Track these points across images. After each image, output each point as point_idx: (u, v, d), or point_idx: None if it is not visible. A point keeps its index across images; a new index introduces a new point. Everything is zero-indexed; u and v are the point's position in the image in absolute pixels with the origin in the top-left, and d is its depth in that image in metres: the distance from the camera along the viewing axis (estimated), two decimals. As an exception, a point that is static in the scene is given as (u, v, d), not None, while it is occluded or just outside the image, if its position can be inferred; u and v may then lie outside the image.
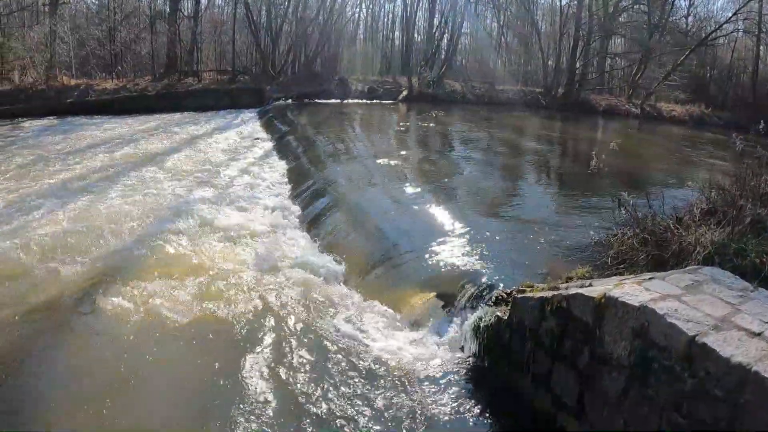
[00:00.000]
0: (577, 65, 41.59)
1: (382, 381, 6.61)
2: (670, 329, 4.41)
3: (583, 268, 7.15)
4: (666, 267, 6.52)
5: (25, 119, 33.39)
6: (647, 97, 40.94)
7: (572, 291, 5.53)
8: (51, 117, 33.92)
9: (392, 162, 16.46)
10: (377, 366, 6.88)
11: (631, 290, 4.98)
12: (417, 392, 6.40)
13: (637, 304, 4.71)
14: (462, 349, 6.99)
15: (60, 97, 38.62)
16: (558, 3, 44.98)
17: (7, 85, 41.18)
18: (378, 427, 5.90)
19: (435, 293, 8.01)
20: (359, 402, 6.25)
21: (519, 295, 6.36)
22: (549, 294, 5.83)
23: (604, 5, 41.89)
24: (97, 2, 60.59)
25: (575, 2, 42.19)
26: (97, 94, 39.62)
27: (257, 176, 17.27)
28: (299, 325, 7.87)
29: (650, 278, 5.32)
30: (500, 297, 6.91)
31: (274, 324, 7.93)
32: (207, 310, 8.21)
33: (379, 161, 16.53)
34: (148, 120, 31.99)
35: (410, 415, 6.07)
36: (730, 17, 42.13)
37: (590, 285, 5.70)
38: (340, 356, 7.10)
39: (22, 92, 39.13)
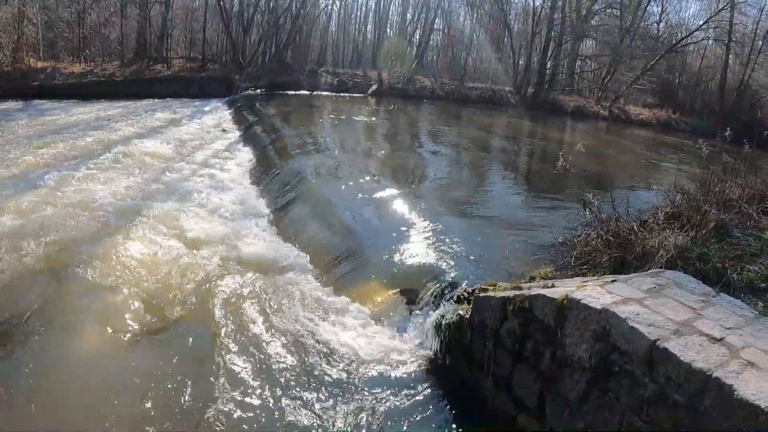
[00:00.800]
0: (548, 66, 41.88)
1: (340, 375, 6.57)
2: (632, 333, 4.37)
3: (546, 268, 7.15)
4: (629, 269, 6.52)
5: (-12, 101, 32.75)
6: (616, 100, 41.34)
7: (534, 291, 5.48)
8: (16, 99, 33.29)
9: (359, 156, 16.46)
10: (337, 360, 6.85)
11: (593, 293, 4.95)
12: (376, 388, 6.36)
13: (599, 307, 4.67)
14: (423, 346, 6.94)
15: (26, 79, 38.07)
16: (531, 3, 45.31)
17: (-28, 67, 40.47)
18: (333, 422, 5.84)
19: (399, 289, 7.99)
20: (315, 397, 6.18)
21: (481, 294, 6.30)
22: (511, 294, 5.78)
23: (577, 8, 42.22)
24: (65, -17, 59.83)
25: (548, 4, 42.47)
26: (64, 78, 39.13)
27: (223, 166, 17.14)
28: (261, 317, 7.79)
29: (612, 281, 5.30)
30: (462, 295, 6.86)
31: (233, 316, 7.84)
32: (167, 303, 8.09)
33: (346, 155, 16.50)
34: (116, 106, 31.69)
35: (368, 411, 6.03)
36: (701, 25, 42.81)
37: (553, 286, 5.67)
38: (301, 350, 7.03)
39: None
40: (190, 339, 7.32)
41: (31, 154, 17.27)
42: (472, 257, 8.60)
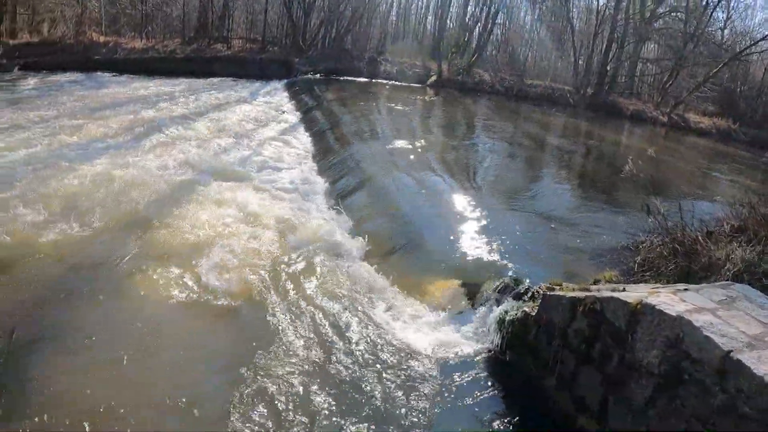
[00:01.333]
0: (609, 67, 41.29)
1: (397, 366, 6.59)
2: (706, 342, 4.37)
3: (610, 272, 7.10)
4: (693, 279, 6.49)
5: (51, 72, 33.50)
6: (676, 106, 40.62)
7: (606, 294, 5.48)
8: (77, 72, 33.93)
9: (418, 145, 16.44)
10: (395, 350, 6.87)
11: (666, 299, 4.94)
12: (436, 380, 6.39)
13: (674, 314, 4.67)
14: (484, 341, 6.94)
15: (88, 52, 38.69)
16: (595, 3, 44.61)
17: (35, 38, 41.35)
18: (392, 413, 5.89)
19: (459, 282, 7.97)
20: (374, 387, 6.23)
21: (549, 293, 6.30)
22: (581, 294, 5.79)
23: (641, 9, 41.53)
24: (130, -39, 60.67)
25: (612, 3, 41.74)
26: (126, 53, 39.71)
27: (282, 149, 17.27)
28: (320, 302, 7.84)
29: (684, 289, 5.29)
30: (528, 292, 6.88)
31: (290, 297, 7.96)
32: (231, 278, 8.21)
33: (405, 144, 16.50)
34: (175, 83, 32.07)
35: (427, 403, 6.06)
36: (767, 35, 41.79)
37: (624, 290, 5.65)
38: (359, 338, 7.09)
39: (51, 45, 39.27)
40: (249, 315, 7.46)
41: (95, 123, 17.72)
42: (531, 254, 8.60)
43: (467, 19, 48.68)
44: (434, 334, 7.14)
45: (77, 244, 9.08)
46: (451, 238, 9.35)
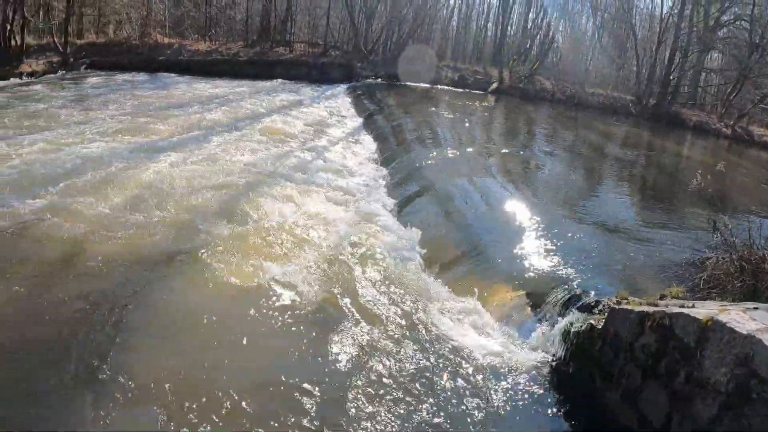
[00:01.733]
0: (672, 77, 40.63)
1: (463, 374, 6.63)
2: (777, 362, 4.33)
3: (677, 288, 7.02)
4: (760, 298, 6.43)
5: (116, 72, 34.42)
6: (740, 118, 39.80)
7: (675, 310, 5.47)
8: (142, 72, 34.84)
9: (479, 152, 16.52)
10: (459, 358, 6.91)
11: (737, 317, 4.91)
12: (497, 389, 6.42)
13: (744, 333, 4.64)
14: (548, 353, 6.96)
15: (153, 53, 39.71)
16: (659, 10, 43.93)
17: (102, 38, 42.46)
18: (456, 420, 5.94)
19: (523, 293, 7.98)
20: (437, 394, 6.29)
21: (617, 306, 6.32)
22: (650, 309, 5.78)
23: (705, 18, 40.80)
24: (195, -35, 61.80)
25: (676, 11, 41.07)
26: (190, 55, 40.58)
27: (345, 153, 17.51)
28: (383, 309, 7.93)
29: (754, 308, 5.25)
30: (597, 305, 6.88)
31: (353, 299, 8.06)
32: (296, 277, 8.42)
33: (466, 150, 16.60)
34: (239, 84, 32.70)
35: (488, 411, 6.11)
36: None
37: (693, 306, 5.62)
38: (423, 345, 7.15)
39: (116, 46, 40.36)
40: (314, 313, 7.64)
41: (160, 122, 18.40)
42: (594, 266, 8.54)
43: (529, 26, 48.45)
44: (497, 343, 7.17)
45: (147, 237, 9.52)
46: (514, 246, 9.38)
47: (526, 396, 6.38)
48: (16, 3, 34.30)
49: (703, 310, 5.34)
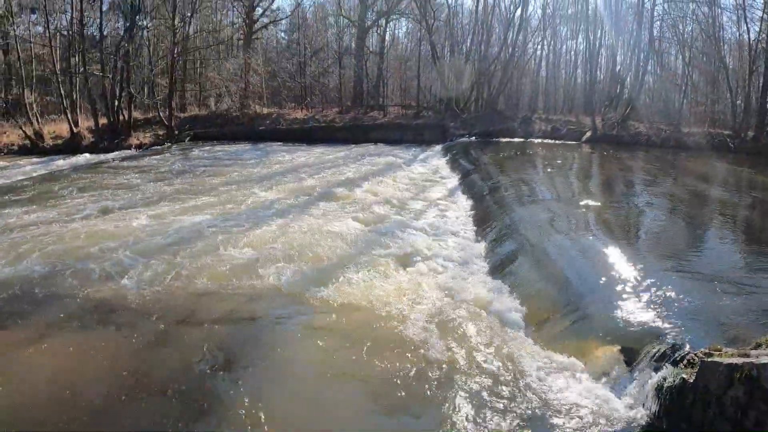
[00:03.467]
0: (768, 105, 39.36)
1: (556, 429, 6.80)
2: None
3: None
4: None
5: (220, 143, 36.34)
6: None
7: (763, 360, 5.49)
8: (244, 142, 36.52)
9: (574, 207, 16.47)
10: (552, 414, 7.07)
11: (824, 364, 4.97)
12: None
13: (829, 381, 4.68)
14: (643, 408, 6.95)
15: (252, 124, 41.62)
16: (746, 37, 42.85)
17: (204, 111, 44.76)
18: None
19: (618, 348, 8.01)
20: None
21: (707, 359, 6.32)
22: (739, 361, 5.78)
23: (795, 38, 39.49)
24: (287, 38, 64.23)
25: (764, 35, 39.92)
26: (288, 123, 42.22)
27: (444, 213, 17.98)
28: (478, 368, 8.15)
29: None
30: (686, 358, 6.91)
31: (452, 360, 8.33)
32: (394, 336, 8.97)
33: (561, 205, 16.60)
34: (336, 150, 33.84)
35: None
36: None
37: None
38: (516, 399, 7.34)
39: (219, 118, 42.68)
40: (410, 375, 7.95)
41: (263, 190, 19.73)
42: (692, 317, 8.43)
43: (618, 69, 48.05)
44: (592, 400, 7.26)
45: (256, 296, 10.58)
46: (611, 301, 9.38)
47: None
48: (123, 80, 36.76)
49: (793, 358, 5.44)
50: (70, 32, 38.88)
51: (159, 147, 35.97)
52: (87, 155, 31.45)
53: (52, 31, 38.66)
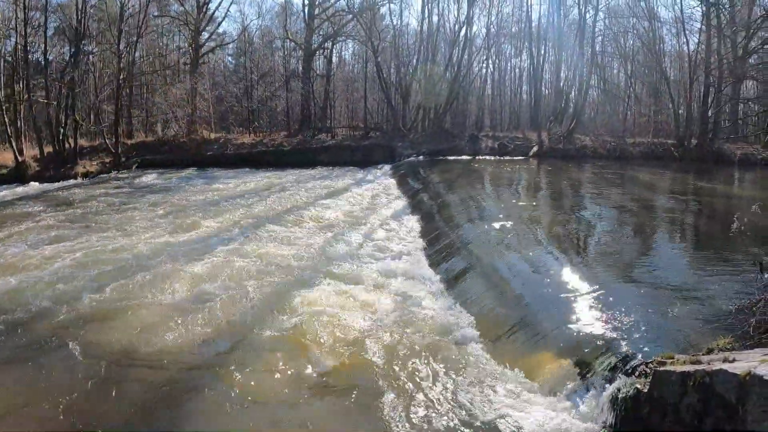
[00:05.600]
0: (710, 113, 40.27)
1: None
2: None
3: (723, 339, 6.93)
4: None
5: (167, 169, 35.88)
6: (786, 143, 39.31)
7: (715, 367, 5.49)
8: (191, 167, 36.26)
9: (524, 222, 16.50)
10: (508, 429, 7.03)
11: (776, 367, 4.93)
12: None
13: (782, 383, 4.63)
14: (598, 420, 6.92)
15: (200, 149, 41.18)
16: (686, 48, 44.00)
17: (150, 137, 44.22)
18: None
19: (571, 361, 8.01)
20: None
21: (660, 368, 6.35)
22: (691, 368, 5.81)
23: (732, 48, 40.53)
24: (234, 62, 64.02)
25: (703, 46, 41.23)
26: (235, 148, 41.95)
27: (392, 234, 17.90)
28: (431, 385, 8.11)
29: (795, 354, 5.30)
30: (639, 368, 6.90)
31: (404, 380, 8.27)
32: (345, 362, 8.81)
33: (511, 222, 16.58)
34: (285, 174, 33.68)
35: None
36: None
37: (734, 360, 5.66)
38: (472, 418, 7.29)
39: (165, 144, 42.24)
40: (356, 392, 7.96)
41: (210, 217, 19.61)
42: (642, 327, 8.46)
43: (561, 85, 48.74)
44: (548, 414, 7.23)
45: (199, 327, 10.29)
46: (563, 314, 9.39)
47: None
48: (68, 108, 36.07)
49: (745, 363, 5.38)
50: (15, 58, 38.05)
51: (106, 175, 35.30)
52: (34, 184, 30.84)
53: (-5, 57, 37.85)
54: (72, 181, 32.41)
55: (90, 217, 19.99)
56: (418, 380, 8.25)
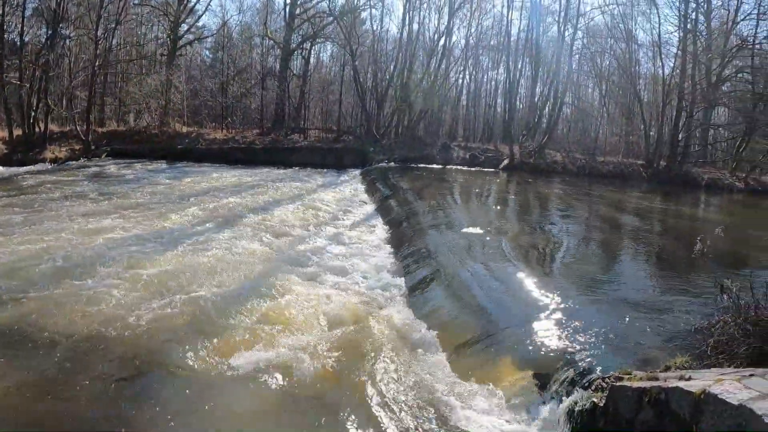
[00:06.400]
0: (680, 137, 40.83)
1: None
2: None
3: (681, 357, 6.99)
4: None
5: (137, 159, 35.54)
6: (752, 170, 39.91)
7: (671, 384, 5.54)
8: (162, 160, 36.08)
9: (492, 233, 16.59)
10: None
11: (730, 387, 4.98)
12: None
13: (735, 403, 4.69)
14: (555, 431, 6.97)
15: (171, 142, 41.00)
16: (661, 72, 44.68)
17: (122, 127, 43.83)
18: None
19: (531, 373, 8.03)
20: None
21: (617, 383, 6.39)
22: (647, 384, 5.85)
23: (707, 75, 41.17)
24: (211, 56, 63.71)
25: (678, 71, 41.80)
26: (207, 143, 41.77)
27: (359, 238, 17.84)
28: (385, 392, 8.06)
29: (750, 375, 5.30)
30: (596, 382, 6.93)
31: (365, 388, 8.16)
32: (303, 368, 8.61)
33: (479, 231, 16.65)
34: (255, 172, 33.57)
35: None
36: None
37: (689, 378, 5.69)
38: (426, 428, 7.25)
39: (137, 134, 41.97)
40: (317, 398, 7.92)
41: (178, 211, 19.42)
42: (604, 341, 8.53)
43: (536, 100, 49.11)
44: (504, 425, 7.24)
45: (163, 322, 9.98)
46: (525, 327, 9.42)
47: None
48: (41, 91, 35.56)
49: (700, 381, 5.42)
50: (-11, 37, 37.51)
51: (74, 162, 34.94)
52: (-2, 168, 30.27)
53: (-31, 35, 37.20)
54: (40, 166, 32.02)
55: (49, 206, 19.55)
56: (372, 387, 8.18)
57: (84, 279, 11.78)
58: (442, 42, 48.43)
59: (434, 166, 40.90)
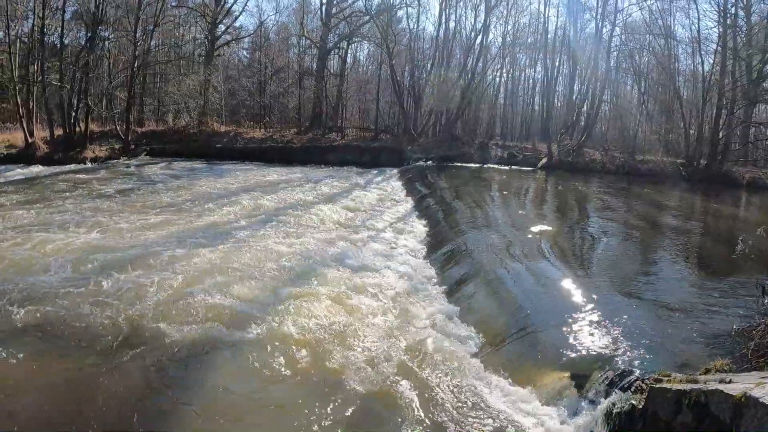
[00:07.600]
0: (720, 135, 40.15)
1: None
2: (811, 436, 4.33)
3: (722, 360, 6.92)
4: (809, 366, 6.40)
5: (175, 158, 35.96)
6: (792, 169, 39.20)
7: (711, 386, 5.49)
8: (200, 159, 36.37)
9: (530, 233, 16.55)
10: None
11: (772, 391, 4.93)
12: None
13: (777, 407, 4.65)
14: None
15: (210, 141, 41.32)
16: (701, 69, 43.93)
17: (161, 126, 44.37)
18: None
19: (568, 373, 8.01)
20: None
21: (656, 385, 6.35)
22: (687, 387, 5.81)
23: (747, 71, 40.40)
24: (248, 56, 64.13)
25: (718, 68, 40.93)
26: (245, 142, 42.06)
27: (397, 237, 17.90)
28: (430, 392, 8.10)
29: (793, 379, 5.30)
30: (635, 384, 6.91)
31: (405, 387, 8.21)
32: (340, 362, 8.80)
33: (516, 231, 16.66)
34: (292, 171, 33.75)
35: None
36: None
37: (730, 381, 5.65)
38: (465, 426, 7.30)
39: (176, 134, 42.39)
40: (356, 400, 7.89)
41: (218, 209, 19.87)
42: (642, 343, 8.44)
43: (574, 98, 48.68)
44: (543, 425, 7.27)
45: (207, 314, 10.33)
46: (563, 327, 9.40)
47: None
48: (81, 92, 36.17)
49: (741, 384, 5.36)
50: (31, 39, 38.31)
51: (114, 161, 35.62)
52: (40, 167, 31.13)
53: (12, 37, 38.05)
54: (80, 165, 32.60)
55: (94, 203, 20.04)
56: (412, 384, 8.25)
57: (130, 274, 12.08)
58: (478, 40, 48.27)
59: (471, 165, 40.81)
